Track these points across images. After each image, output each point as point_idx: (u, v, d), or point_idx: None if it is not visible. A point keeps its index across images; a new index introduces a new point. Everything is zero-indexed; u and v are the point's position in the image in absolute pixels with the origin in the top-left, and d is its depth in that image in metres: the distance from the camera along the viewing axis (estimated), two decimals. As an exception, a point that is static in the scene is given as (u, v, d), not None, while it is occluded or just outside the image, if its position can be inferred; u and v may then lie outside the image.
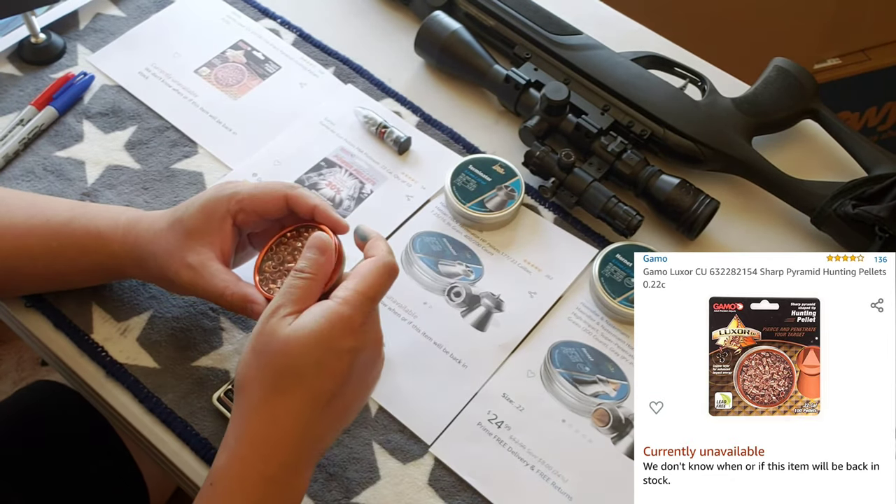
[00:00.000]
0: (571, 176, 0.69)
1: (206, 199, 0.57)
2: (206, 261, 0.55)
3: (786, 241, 0.72)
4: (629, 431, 0.61)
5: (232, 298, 0.55)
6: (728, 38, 1.30)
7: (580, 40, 0.77)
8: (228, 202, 0.56)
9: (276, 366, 0.48)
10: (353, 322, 0.48)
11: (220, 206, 0.56)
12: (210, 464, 0.58)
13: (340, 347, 0.48)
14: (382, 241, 0.54)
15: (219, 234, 0.56)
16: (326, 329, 0.47)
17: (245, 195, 0.56)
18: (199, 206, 0.56)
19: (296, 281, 0.50)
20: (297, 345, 0.47)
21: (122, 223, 0.59)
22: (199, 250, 0.56)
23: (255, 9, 0.84)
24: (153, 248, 0.57)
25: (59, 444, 0.76)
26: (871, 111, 1.54)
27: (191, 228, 0.56)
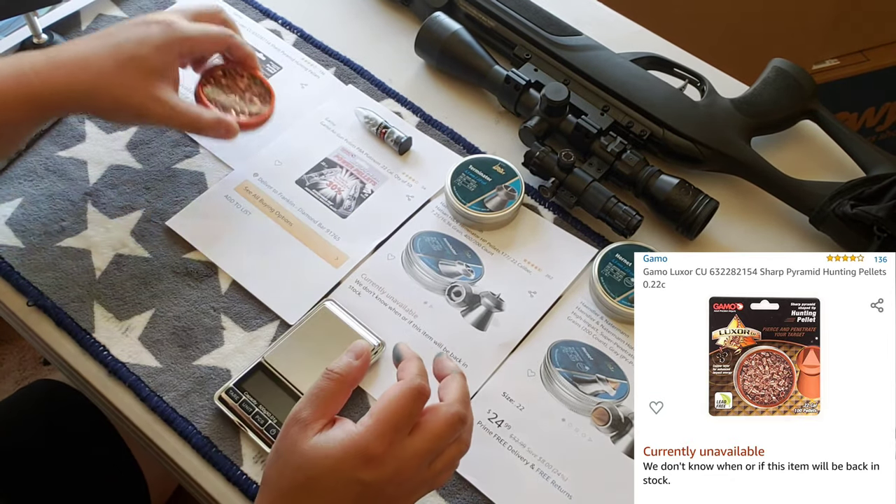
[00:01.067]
0: (571, 176, 0.69)
1: (160, 39, 0.62)
2: (172, 94, 0.62)
3: (785, 240, 0.73)
4: (629, 430, 0.61)
5: (209, 122, 0.64)
6: (727, 39, 1.30)
7: (580, 41, 0.77)
8: (181, 45, 0.62)
9: (291, 477, 0.48)
10: (368, 452, 0.46)
11: (174, 47, 0.62)
12: (210, 462, 0.58)
13: (351, 477, 0.46)
14: (414, 363, 0.52)
15: (173, 71, 0.63)
16: (341, 455, 0.46)
17: (194, 39, 0.63)
18: (155, 47, 0.61)
19: (325, 383, 0.49)
20: (313, 465, 0.47)
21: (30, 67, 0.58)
22: (161, 86, 0.61)
23: (256, 9, 0.84)
24: (104, 83, 0.60)
25: (61, 443, 0.76)
26: (869, 112, 1.54)
27: (151, 68, 0.61)
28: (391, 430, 0.47)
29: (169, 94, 0.62)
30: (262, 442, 0.58)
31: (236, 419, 0.59)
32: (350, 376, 0.50)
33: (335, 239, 0.69)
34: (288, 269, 0.67)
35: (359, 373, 0.51)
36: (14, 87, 0.58)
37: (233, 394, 0.60)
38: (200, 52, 0.66)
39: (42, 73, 0.59)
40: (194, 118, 0.63)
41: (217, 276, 0.67)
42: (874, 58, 1.48)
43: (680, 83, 0.77)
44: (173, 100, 0.62)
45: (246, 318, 0.65)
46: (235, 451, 0.59)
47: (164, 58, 0.62)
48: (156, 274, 0.66)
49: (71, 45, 0.62)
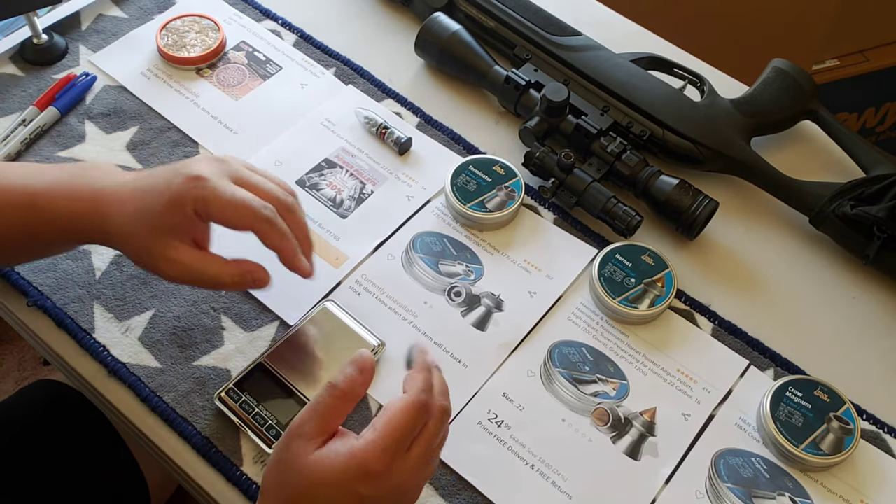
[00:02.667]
0: (571, 176, 0.69)
1: (173, 196, 0.53)
2: (184, 252, 0.54)
3: (784, 241, 0.73)
4: (628, 430, 0.61)
5: (231, 280, 0.55)
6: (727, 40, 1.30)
7: (580, 41, 0.77)
8: (195, 203, 0.53)
9: (292, 489, 0.47)
10: (370, 468, 0.46)
11: (186, 207, 0.53)
12: (210, 462, 0.58)
13: (353, 490, 0.46)
14: (421, 375, 0.50)
15: (190, 229, 0.55)
16: (341, 471, 0.46)
17: (211, 205, 0.53)
18: (166, 202, 0.53)
19: (328, 399, 0.48)
20: (313, 478, 0.47)
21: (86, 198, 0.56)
22: (172, 245, 0.54)
23: (256, 10, 0.84)
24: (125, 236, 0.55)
25: (61, 443, 0.76)
26: (869, 112, 1.54)
27: (160, 226, 0.54)
28: (393, 447, 0.47)
29: (180, 254, 0.54)
30: (261, 442, 0.58)
31: (236, 419, 0.59)
32: (353, 392, 0.49)
33: (335, 239, 0.69)
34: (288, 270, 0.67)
35: (362, 387, 0.50)
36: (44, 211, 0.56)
37: (233, 394, 0.60)
38: (219, 221, 0.54)
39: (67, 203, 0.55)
40: (212, 277, 0.55)
41: (217, 276, 0.66)
42: (874, 58, 1.48)
43: (680, 83, 0.77)
44: (186, 258, 0.54)
45: (246, 318, 0.65)
46: (235, 451, 0.59)
47: (173, 216, 0.53)
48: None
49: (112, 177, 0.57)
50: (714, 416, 0.62)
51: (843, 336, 0.67)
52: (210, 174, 0.54)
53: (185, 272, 0.54)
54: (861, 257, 0.68)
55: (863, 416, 0.63)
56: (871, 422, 0.63)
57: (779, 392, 0.61)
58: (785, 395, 0.61)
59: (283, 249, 0.55)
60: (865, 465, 0.61)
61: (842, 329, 0.68)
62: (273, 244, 0.55)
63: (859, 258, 0.69)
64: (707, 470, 0.60)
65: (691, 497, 0.58)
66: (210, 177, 0.54)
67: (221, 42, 0.79)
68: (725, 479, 0.59)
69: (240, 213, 0.54)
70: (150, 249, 0.54)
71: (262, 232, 0.54)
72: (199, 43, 0.79)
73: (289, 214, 0.56)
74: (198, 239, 0.55)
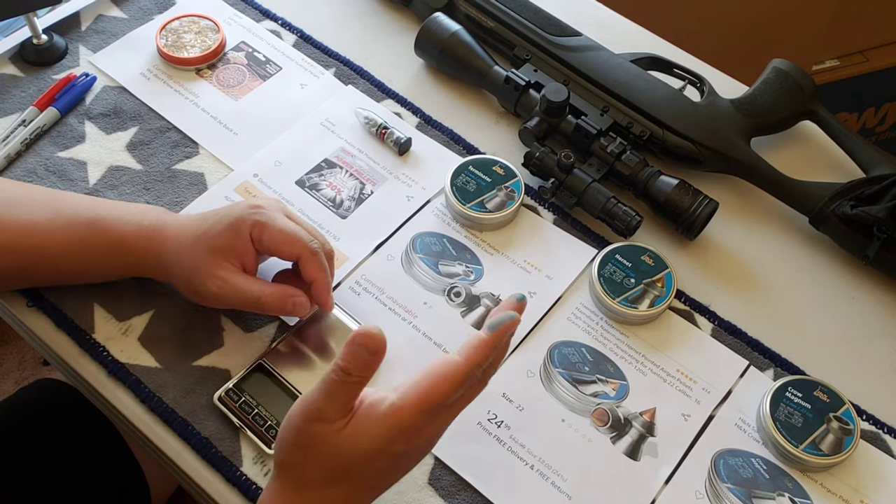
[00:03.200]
0: (571, 177, 0.69)
1: (234, 219, 0.58)
2: (232, 273, 0.58)
3: (784, 241, 0.73)
4: (628, 431, 0.61)
5: (271, 299, 0.58)
6: (727, 40, 1.30)
7: (580, 41, 0.77)
8: (252, 228, 0.58)
9: (329, 464, 0.47)
10: (409, 430, 0.46)
11: (245, 229, 0.58)
12: (210, 463, 0.58)
13: (392, 451, 0.47)
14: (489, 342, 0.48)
15: (243, 253, 0.59)
16: (383, 436, 0.46)
17: (268, 231, 0.58)
18: (226, 225, 0.58)
19: (341, 385, 0.46)
20: (352, 448, 0.47)
21: (146, 228, 0.60)
22: (224, 265, 0.58)
23: (256, 10, 0.84)
24: (178, 259, 0.59)
25: (61, 443, 0.76)
26: (869, 112, 1.54)
27: (216, 246, 0.58)
28: (432, 410, 0.47)
29: (228, 273, 0.58)
30: (261, 442, 0.58)
31: (236, 420, 0.59)
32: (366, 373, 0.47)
33: (335, 240, 0.69)
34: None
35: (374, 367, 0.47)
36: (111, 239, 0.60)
37: (232, 394, 0.60)
38: (272, 246, 0.59)
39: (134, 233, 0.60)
40: (255, 298, 0.58)
41: (217, 276, 0.66)
42: (874, 58, 1.48)
43: (679, 84, 0.77)
44: (231, 279, 0.58)
45: (246, 318, 0.65)
46: (235, 451, 0.59)
47: (231, 237, 0.58)
48: (155, 274, 0.66)
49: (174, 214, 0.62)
50: (714, 416, 0.62)
51: (843, 336, 0.67)
52: (267, 205, 0.60)
53: (231, 291, 0.58)
54: (861, 257, 0.68)
55: (862, 417, 0.63)
56: (870, 422, 0.63)
57: (778, 392, 0.61)
58: (785, 396, 0.61)
59: (320, 281, 0.60)
60: (865, 465, 0.61)
61: (842, 329, 0.68)
62: (312, 275, 0.60)
63: (859, 258, 0.69)
64: (707, 470, 0.60)
65: (691, 497, 0.58)
66: (268, 207, 0.60)
67: (221, 42, 0.79)
68: (725, 480, 0.59)
69: (292, 241, 0.59)
70: (201, 267, 0.58)
71: (307, 261, 0.59)
72: (199, 43, 0.79)
73: (330, 258, 0.62)
74: (246, 265, 0.59)
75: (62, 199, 0.62)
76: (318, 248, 0.59)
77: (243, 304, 0.59)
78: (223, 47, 0.80)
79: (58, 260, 0.60)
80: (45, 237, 0.60)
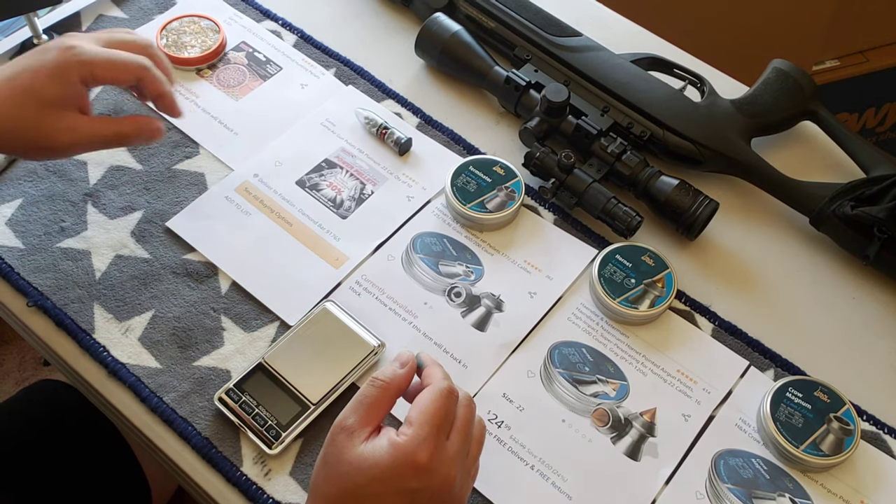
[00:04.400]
0: (571, 177, 0.69)
1: (56, 66, 0.56)
2: (76, 119, 0.57)
3: (784, 241, 0.73)
4: (628, 431, 0.61)
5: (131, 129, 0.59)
6: (727, 40, 1.30)
7: (580, 42, 0.77)
8: (80, 68, 0.57)
9: (340, 485, 0.48)
10: (417, 459, 0.47)
11: (73, 73, 0.56)
12: (210, 463, 0.58)
13: (401, 486, 0.47)
14: (437, 368, 0.52)
15: (77, 97, 0.58)
16: (390, 464, 0.47)
17: (98, 63, 0.57)
18: (48, 75, 0.56)
19: (370, 390, 0.49)
20: (361, 474, 0.47)
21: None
22: (65, 115, 0.57)
23: (256, 10, 0.84)
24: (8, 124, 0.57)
25: (62, 444, 0.76)
26: (869, 112, 1.54)
27: (46, 98, 0.56)
28: (433, 435, 0.48)
29: (75, 122, 0.57)
30: (261, 442, 0.58)
31: (236, 420, 0.59)
32: (395, 384, 0.50)
33: (335, 240, 0.69)
34: (288, 270, 0.67)
35: (404, 381, 0.51)
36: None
37: (233, 394, 0.60)
38: (106, 80, 0.58)
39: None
40: (114, 133, 0.59)
41: (217, 276, 0.67)
42: (874, 59, 1.48)
43: (680, 84, 0.77)
44: (81, 124, 0.58)
45: (246, 318, 0.65)
46: (235, 451, 0.59)
47: (60, 86, 0.57)
48: (156, 275, 0.66)
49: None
50: (714, 416, 0.62)
51: (844, 337, 0.67)
52: (82, 42, 0.58)
53: (84, 137, 0.58)
54: (861, 258, 0.68)
55: (863, 417, 0.63)
56: (871, 422, 0.63)
57: (779, 392, 0.61)
58: (785, 396, 0.61)
59: (164, 94, 0.60)
60: (865, 465, 0.61)
61: (842, 330, 0.68)
62: (156, 90, 0.60)
63: (859, 259, 0.69)
64: (707, 470, 0.60)
65: (691, 498, 0.58)
66: (83, 44, 0.58)
67: (221, 42, 0.79)
68: (725, 480, 0.59)
69: (126, 68, 0.58)
70: (41, 126, 0.57)
71: (147, 80, 0.59)
72: (199, 43, 0.79)
73: (152, 55, 0.61)
74: (82, 106, 0.58)
75: None
76: (148, 63, 0.59)
77: (103, 145, 0.59)
78: (223, 47, 0.80)
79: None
80: None
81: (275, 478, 0.58)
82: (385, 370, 0.51)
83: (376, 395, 0.49)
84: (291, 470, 0.58)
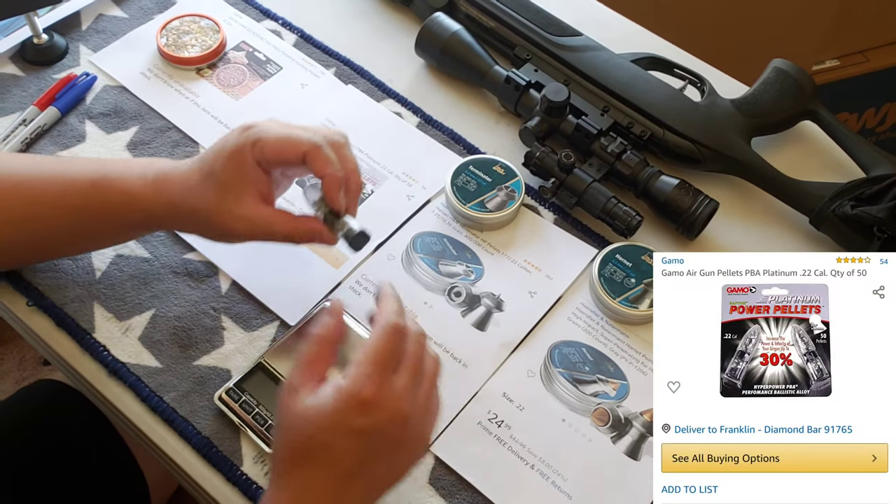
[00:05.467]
0: (571, 176, 0.69)
1: (231, 149, 0.55)
2: (253, 208, 0.55)
3: (785, 241, 0.73)
4: (629, 431, 0.61)
5: (300, 233, 0.57)
6: (727, 40, 1.30)
7: (580, 41, 0.77)
8: (252, 150, 0.55)
9: (289, 443, 0.48)
10: (361, 396, 0.47)
11: (246, 155, 0.55)
12: (210, 462, 0.58)
13: (349, 426, 0.46)
14: (389, 301, 0.52)
15: (253, 181, 0.55)
16: (332, 408, 0.46)
17: (266, 142, 0.55)
18: (226, 157, 0.55)
19: (305, 346, 0.50)
20: (308, 423, 0.47)
21: (151, 179, 0.58)
22: (242, 201, 0.55)
23: (256, 10, 0.84)
24: (193, 203, 0.56)
25: (61, 443, 0.76)
26: (869, 112, 1.54)
27: (224, 181, 0.55)
28: (377, 371, 0.47)
29: (248, 209, 0.55)
30: (262, 442, 0.58)
31: (236, 419, 0.59)
32: (329, 334, 0.51)
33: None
34: (288, 270, 0.67)
35: (336, 329, 0.51)
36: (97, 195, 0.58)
37: (233, 394, 0.60)
38: (275, 157, 0.55)
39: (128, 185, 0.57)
40: (285, 234, 0.56)
41: (217, 276, 0.67)
42: (875, 58, 1.48)
43: (680, 84, 0.77)
44: (255, 214, 0.55)
45: (246, 318, 0.65)
46: (235, 451, 0.59)
47: (235, 169, 0.55)
48: (156, 274, 0.66)
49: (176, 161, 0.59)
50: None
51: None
52: (258, 122, 0.56)
53: (257, 228, 0.56)
54: (861, 258, 0.68)
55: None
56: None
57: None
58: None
59: (328, 176, 0.56)
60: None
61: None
62: (321, 170, 0.55)
63: (859, 258, 0.69)
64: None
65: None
66: (259, 124, 0.56)
67: (221, 42, 0.79)
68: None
69: (291, 143, 0.55)
70: (219, 209, 0.55)
71: (312, 157, 0.55)
72: (199, 43, 0.79)
73: (338, 149, 0.57)
74: (264, 192, 0.56)
75: (67, 165, 0.61)
76: (320, 141, 0.55)
77: (272, 238, 0.57)
78: (223, 47, 0.80)
79: (71, 226, 0.59)
80: (57, 203, 0.58)
81: (275, 477, 0.58)
82: (318, 321, 0.51)
83: (312, 350, 0.50)
84: (291, 469, 0.58)
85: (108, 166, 0.59)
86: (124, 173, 0.58)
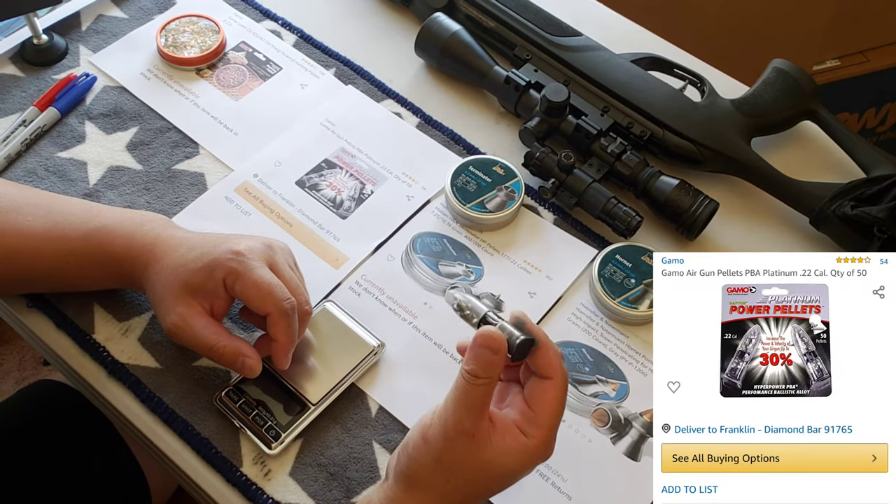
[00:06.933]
0: (571, 177, 0.69)
1: (211, 260, 0.57)
2: (195, 314, 0.57)
3: (785, 241, 0.73)
4: (628, 431, 0.61)
5: (224, 351, 0.57)
6: (727, 40, 1.30)
7: (580, 41, 0.77)
8: (226, 275, 0.56)
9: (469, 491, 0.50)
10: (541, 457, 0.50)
11: (219, 275, 0.57)
12: (210, 463, 0.58)
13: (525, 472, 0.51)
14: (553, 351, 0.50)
15: (213, 296, 0.57)
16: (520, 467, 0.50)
17: (241, 281, 0.56)
18: (203, 264, 0.57)
19: (472, 389, 0.48)
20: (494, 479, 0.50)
21: (138, 243, 0.59)
22: (190, 303, 0.57)
23: (256, 10, 0.84)
24: (155, 283, 0.58)
25: (61, 444, 0.76)
26: (869, 112, 1.54)
27: (188, 282, 0.57)
28: (555, 431, 0.51)
29: (190, 313, 0.56)
30: (261, 442, 0.58)
31: (236, 420, 0.59)
32: (495, 377, 0.48)
33: (335, 240, 0.69)
34: (288, 270, 0.67)
35: (500, 369, 0.49)
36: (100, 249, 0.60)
37: (232, 395, 0.60)
38: (242, 298, 0.57)
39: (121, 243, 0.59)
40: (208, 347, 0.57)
41: (217, 276, 0.66)
42: (875, 58, 1.48)
43: (680, 84, 0.77)
44: (191, 319, 0.56)
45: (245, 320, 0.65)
46: (235, 451, 0.59)
47: (204, 278, 0.56)
48: (156, 275, 0.66)
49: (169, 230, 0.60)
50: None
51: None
52: (249, 253, 0.58)
53: (187, 331, 0.57)
54: (861, 258, 0.68)
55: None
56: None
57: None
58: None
59: (280, 344, 0.58)
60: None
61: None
62: (276, 335, 0.57)
63: (859, 259, 0.69)
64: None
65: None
66: (249, 255, 0.57)
67: (221, 42, 0.79)
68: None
69: (263, 297, 0.56)
70: (168, 299, 0.57)
71: (274, 321, 0.57)
72: (199, 43, 0.79)
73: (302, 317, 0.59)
74: (215, 307, 0.58)
75: (61, 207, 0.62)
76: (289, 309, 0.57)
77: (196, 348, 0.57)
78: (223, 47, 0.80)
79: (55, 269, 0.60)
80: (43, 246, 0.60)
81: (274, 478, 0.58)
82: (479, 360, 0.48)
83: (482, 393, 0.48)
84: (291, 470, 0.58)
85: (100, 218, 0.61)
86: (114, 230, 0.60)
